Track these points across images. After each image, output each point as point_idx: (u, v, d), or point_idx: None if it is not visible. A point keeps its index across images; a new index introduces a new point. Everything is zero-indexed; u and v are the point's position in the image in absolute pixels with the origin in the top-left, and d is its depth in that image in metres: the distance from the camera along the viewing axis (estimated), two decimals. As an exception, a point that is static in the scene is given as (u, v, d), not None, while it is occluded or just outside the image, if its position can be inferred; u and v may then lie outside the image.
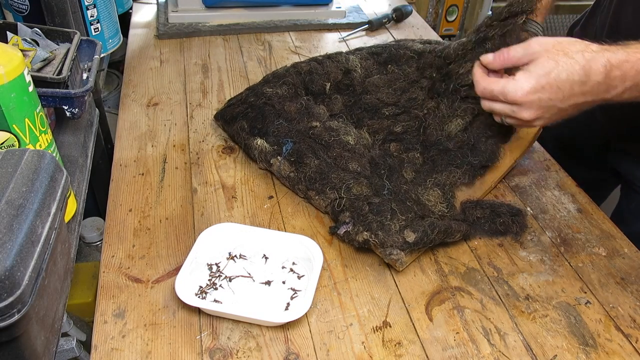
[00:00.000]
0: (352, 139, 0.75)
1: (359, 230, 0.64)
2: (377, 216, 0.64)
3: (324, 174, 0.70)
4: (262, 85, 0.86)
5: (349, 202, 0.67)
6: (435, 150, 0.76)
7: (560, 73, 0.55)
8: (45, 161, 0.47)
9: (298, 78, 0.87)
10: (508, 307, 0.63)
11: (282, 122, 0.78)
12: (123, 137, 0.88)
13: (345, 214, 0.67)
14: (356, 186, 0.68)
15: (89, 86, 0.69)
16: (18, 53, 0.51)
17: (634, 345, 0.60)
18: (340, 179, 0.69)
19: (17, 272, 0.39)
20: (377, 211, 0.65)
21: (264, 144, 0.77)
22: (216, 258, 0.66)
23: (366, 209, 0.65)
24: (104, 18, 0.99)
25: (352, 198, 0.67)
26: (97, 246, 0.98)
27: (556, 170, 0.86)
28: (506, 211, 0.71)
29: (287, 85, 0.84)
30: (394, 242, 0.62)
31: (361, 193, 0.68)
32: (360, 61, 0.90)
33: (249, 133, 0.80)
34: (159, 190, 0.77)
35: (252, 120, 0.80)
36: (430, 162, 0.74)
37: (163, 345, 0.57)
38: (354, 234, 0.65)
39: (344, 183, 0.69)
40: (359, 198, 0.67)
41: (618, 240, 0.73)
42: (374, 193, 0.68)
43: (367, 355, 0.57)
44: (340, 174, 0.70)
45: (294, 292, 0.63)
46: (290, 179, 0.74)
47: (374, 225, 0.64)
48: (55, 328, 0.49)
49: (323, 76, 0.87)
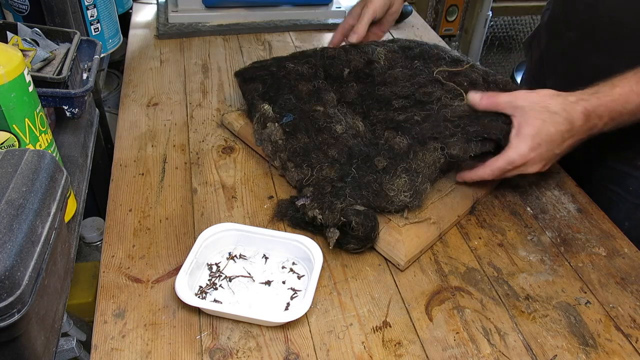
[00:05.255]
0: (341, 128, 0.76)
1: (313, 207, 0.67)
2: (333, 198, 0.67)
3: (307, 152, 0.74)
4: (287, 59, 0.90)
5: (316, 180, 0.70)
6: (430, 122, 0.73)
7: (549, 128, 0.64)
8: (45, 161, 0.47)
9: (321, 60, 0.89)
10: (508, 307, 0.63)
11: (291, 99, 0.81)
12: (123, 137, 0.88)
13: (308, 189, 0.70)
14: (328, 169, 0.71)
15: (89, 86, 0.69)
16: (18, 53, 0.51)
17: (634, 345, 0.60)
18: (318, 160, 0.72)
19: (17, 272, 0.39)
20: (334, 194, 0.67)
21: (269, 109, 0.80)
22: (216, 258, 0.66)
23: (327, 189, 0.68)
24: (104, 18, 0.99)
25: (320, 178, 0.70)
26: (97, 246, 0.98)
27: (556, 170, 0.86)
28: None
29: (308, 65, 0.87)
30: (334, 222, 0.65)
31: (329, 175, 0.70)
32: (387, 53, 0.89)
33: (260, 96, 0.83)
34: (159, 190, 0.77)
35: (268, 87, 0.83)
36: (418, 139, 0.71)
37: (163, 345, 0.57)
38: (308, 209, 0.68)
39: (319, 164, 0.72)
40: (325, 179, 0.70)
41: (618, 240, 0.73)
42: (340, 178, 0.69)
43: (367, 355, 0.57)
44: (320, 156, 0.73)
45: (294, 292, 0.63)
46: (277, 145, 0.77)
47: (325, 204, 0.66)
48: (55, 328, 0.49)
49: (344, 62, 0.88)
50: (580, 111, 0.64)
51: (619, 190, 0.88)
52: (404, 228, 0.67)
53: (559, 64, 0.93)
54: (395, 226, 0.67)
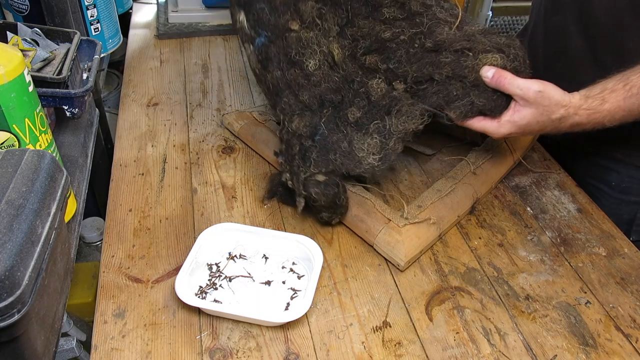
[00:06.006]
0: (314, 63, 0.69)
1: (285, 169, 0.67)
2: (300, 161, 0.65)
3: (279, 91, 0.69)
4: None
5: (286, 136, 0.68)
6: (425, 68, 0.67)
7: (535, 126, 0.68)
8: (45, 161, 0.47)
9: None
10: (508, 307, 0.63)
11: (264, 9, 0.71)
12: (123, 137, 0.88)
13: (282, 146, 0.69)
14: (298, 120, 0.67)
15: (89, 86, 0.69)
16: (18, 53, 0.51)
17: (634, 345, 0.60)
18: (289, 105, 0.68)
19: (17, 272, 0.39)
20: (302, 156, 0.65)
21: (244, 21, 0.73)
22: (216, 258, 0.66)
23: (296, 149, 0.66)
24: (104, 18, 0.99)
25: (290, 132, 0.68)
26: (97, 246, 0.98)
27: (556, 170, 0.86)
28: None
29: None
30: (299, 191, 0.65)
31: (298, 129, 0.67)
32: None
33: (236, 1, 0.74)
34: (159, 190, 0.77)
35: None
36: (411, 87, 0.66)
37: (163, 345, 0.57)
38: (282, 170, 0.67)
39: (291, 111, 0.68)
40: (294, 135, 0.67)
41: (618, 240, 0.73)
42: (309, 134, 0.66)
43: (367, 355, 0.57)
44: (290, 99, 0.68)
45: (294, 292, 0.63)
46: (256, 74, 0.74)
47: (294, 169, 0.65)
48: (55, 328, 0.49)
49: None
50: (570, 123, 0.67)
51: (602, 186, 0.89)
52: (403, 228, 0.67)
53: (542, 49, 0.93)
54: (395, 226, 0.67)
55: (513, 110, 0.67)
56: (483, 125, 0.69)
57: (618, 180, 0.87)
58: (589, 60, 0.81)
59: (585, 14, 0.80)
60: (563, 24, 0.84)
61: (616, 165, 0.86)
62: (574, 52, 0.83)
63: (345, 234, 0.72)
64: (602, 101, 0.66)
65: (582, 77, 0.69)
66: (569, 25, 0.83)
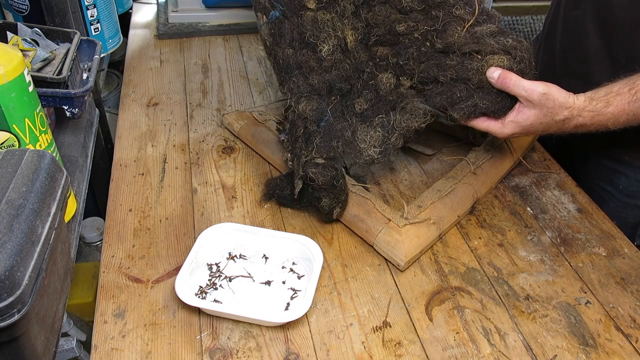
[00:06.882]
0: (328, 48, 0.69)
1: (287, 149, 0.67)
2: (303, 144, 0.65)
3: (289, 69, 0.69)
4: None
5: (292, 116, 0.68)
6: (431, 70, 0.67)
7: (539, 127, 0.68)
8: (45, 161, 0.47)
9: None
10: (508, 307, 0.63)
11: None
12: (123, 137, 0.88)
13: (286, 125, 0.69)
14: (305, 102, 0.67)
15: (89, 86, 0.69)
16: (18, 53, 0.51)
17: (634, 345, 0.60)
18: (298, 86, 0.68)
19: (17, 272, 0.39)
20: (305, 140, 0.65)
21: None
22: (216, 258, 0.66)
23: (300, 131, 0.66)
24: (104, 18, 0.99)
25: (295, 113, 0.67)
26: (97, 246, 0.98)
27: (556, 170, 0.86)
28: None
29: None
30: (299, 173, 0.65)
31: (304, 113, 0.67)
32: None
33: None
34: (159, 190, 0.77)
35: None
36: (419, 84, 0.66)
37: (163, 345, 0.57)
38: (285, 148, 0.67)
39: (298, 91, 0.68)
40: (300, 117, 0.67)
41: (618, 240, 0.73)
42: (315, 119, 0.66)
43: (367, 355, 0.57)
44: (300, 80, 0.68)
45: (294, 292, 0.63)
46: (266, 46, 0.74)
47: (297, 151, 0.65)
48: (55, 328, 0.49)
49: None
50: (574, 124, 0.68)
51: (609, 189, 0.88)
52: (403, 228, 0.67)
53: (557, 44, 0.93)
54: (395, 226, 0.67)
55: (517, 111, 0.67)
56: (487, 125, 0.69)
57: (626, 184, 0.87)
58: (604, 58, 0.81)
59: (604, 9, 0.80)
60: (582, 19, 0.84)
61: (625, 169, 0.86)
62: (589, 49, 0.83)
63: (345, 234, 0.72)
64: (607, 104, 0.66)
65: (595, 75, 0.69)
66: (587, 21, 0.83)
